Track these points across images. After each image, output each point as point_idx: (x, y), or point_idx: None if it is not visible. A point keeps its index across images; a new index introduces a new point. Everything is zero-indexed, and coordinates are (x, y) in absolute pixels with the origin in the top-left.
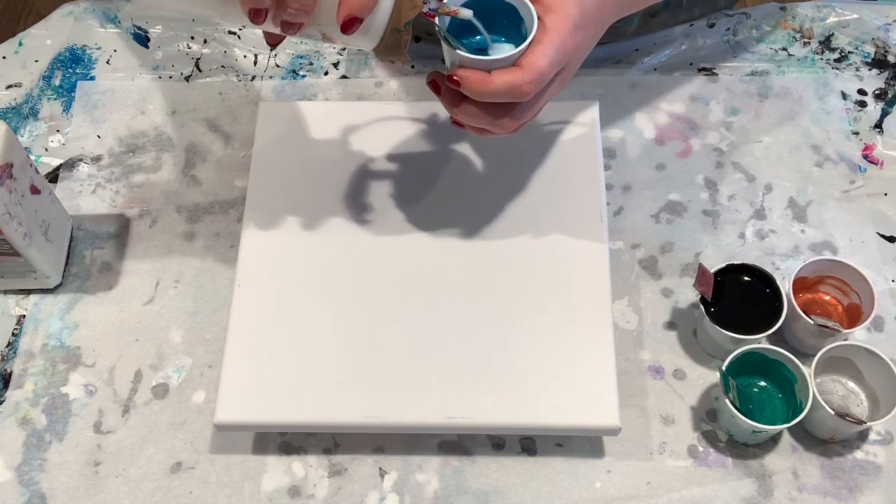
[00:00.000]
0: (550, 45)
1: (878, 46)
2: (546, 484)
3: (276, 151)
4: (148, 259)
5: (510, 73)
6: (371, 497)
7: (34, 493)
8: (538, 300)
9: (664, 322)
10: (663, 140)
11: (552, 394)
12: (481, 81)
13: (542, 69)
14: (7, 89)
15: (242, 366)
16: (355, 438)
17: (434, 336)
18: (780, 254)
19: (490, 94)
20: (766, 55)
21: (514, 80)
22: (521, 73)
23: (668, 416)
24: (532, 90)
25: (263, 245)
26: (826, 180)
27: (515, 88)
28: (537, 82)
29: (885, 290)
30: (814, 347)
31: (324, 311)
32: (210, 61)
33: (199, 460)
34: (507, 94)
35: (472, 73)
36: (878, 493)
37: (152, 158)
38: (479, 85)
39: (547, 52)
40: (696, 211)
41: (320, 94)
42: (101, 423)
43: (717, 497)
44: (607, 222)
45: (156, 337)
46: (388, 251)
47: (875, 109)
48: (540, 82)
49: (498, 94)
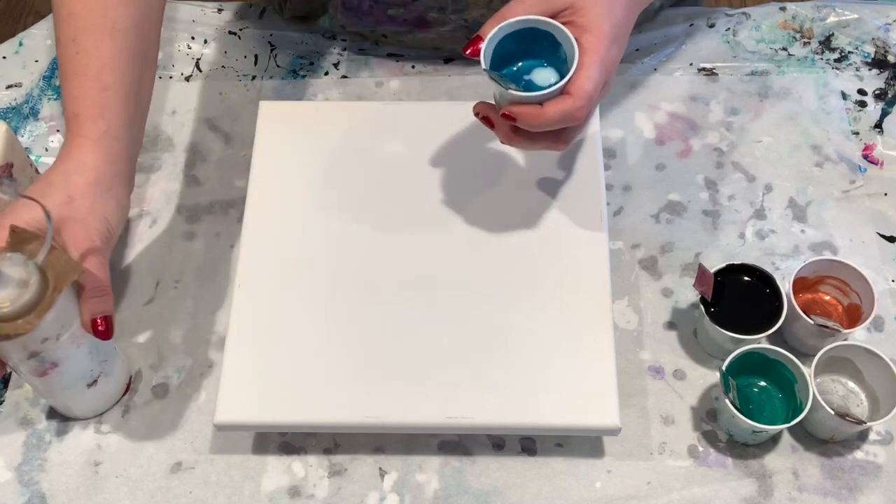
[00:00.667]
0: (593, 67)
1: (878, 46)
2: (546, 484)
3: (276, 151)
4: (148, 259)
5: (562, 102)
6: (371, 497)
7: (34, 493)
8: (538, 300)
9: (664, 322)
10: (663, 140)
11: (552, 394)
12: (536, 115)
13: (590, 92)
14: (7, 89)
15: (242, 366)
16: (355, 438)
17: (434, 336)
18: (780, 254)
19: (545, 125)
20: (766, 55)
21: (566, 108)
22: (573, 101)
23: (668, 416)
24: (584, 114)
25: (263, 245)
26: (826, 180)
27: (568, 116)
28: (587, 106)
29: (885, 290)
30: (814, 347)
31: (324, 311)
32: (210, 61)
33: (199, 460)
34: (561, 122)
35: (526, 109)
36: (878, 493)
37: (152, 158)
38: (534, 119)
39: (591, 75)
40: (696, 211)
41: (320, 94)
42: (101, 423)
43: (717, 497)
44: (607, 222)
45: (156, 337)
46: (388, 251)
47: (875, 109)
48: (590, 105)
49: (553, 124)
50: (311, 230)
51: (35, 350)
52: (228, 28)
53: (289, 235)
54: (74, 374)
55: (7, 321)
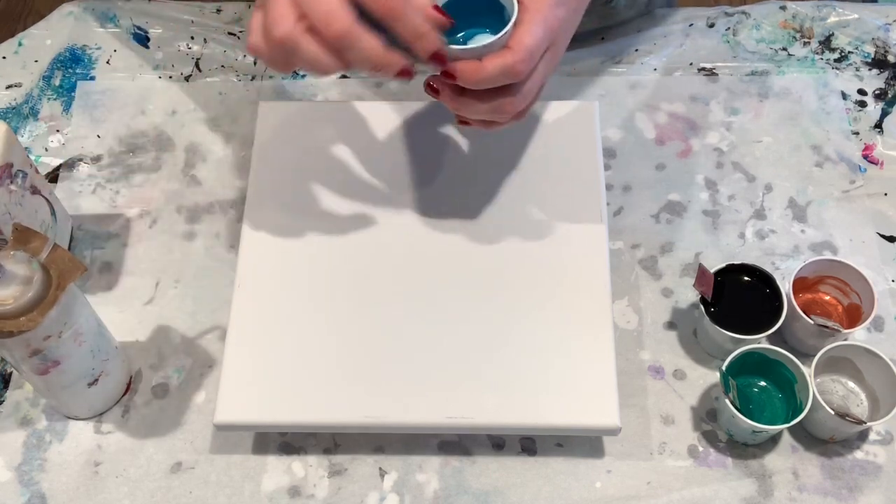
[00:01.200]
0: (534, 23)
1: (878, 46)
2: (546, 484)
3: (276, 151)
4: (148, 259)
5: (500, 55)
6: (371, 497)
7: (34, 493)
8: (538, 300)
9: (664, 322)
10: (663, 140)
11: (552, 394)
12: (475, 69)
13: (530, 46)
14: (7, 89)
15: (242, 366)
16: (355, 438)
17: (434, 336)
18: (780, 254)
19: (486, 80)
20: (766, 55)
21: (506, 61)
22: (512, 54)
23: (668, 416)
24: (525, 68)
25: (263, 245)
26: (826, 180)
27: (508, 69)
28: (528, 60)
29: (885, 290)
30: (814, 347)
31: (324, 311)
32: (210, 61)
33: (199, 460)
34: (502, 76)
35: (465, 64)
36: (878, 493)
37: (152, 158)
38: (474, 73)
39: (532, 30)
40: (696, 211)
41: (320, 94)
42: (101, 423)
43: (717, 497)
44: (607, 222)
45: (156, 337)
46: (388, 251)
47: (875, 109)
48: (531, 60)
49: (493, 78)
50: (310, 230)
51: (37, 348)
52: (228, 28)
53: (289, 235)
54: (76, 372)
55: (10, 318)
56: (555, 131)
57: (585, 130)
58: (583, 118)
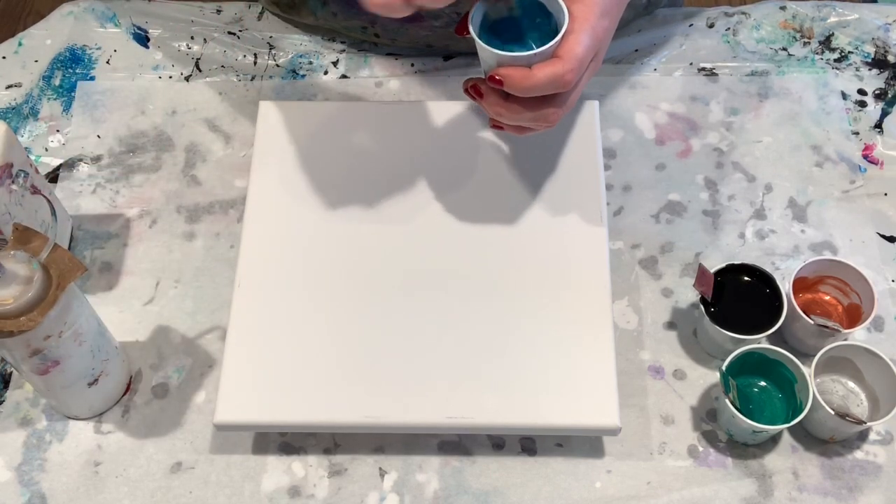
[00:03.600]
0: (583, 33)
1: (878, 46)
2: (546, 484)
3: (276, 151)
4: (148, 259)
5: (550, 64)
6: (371, 497)
7: (34, 493)
8: (538, 300)
9: (664, 322)
10: (663, 140)
11: (552, 394)
12: (524, 77)
13: (580, 56)
14: (7, 89)
15: (242, 366)
16: (355, 438)
17: (434, 336)
18: (780, 254)
19: (534, 88)
20: (766, 55)
21: (556, 70)
22: (562, 63)
23: (668, 416)
24: (573, 78)
25: (263, 245)
26: (826, 180)
27: (558, 78)
28: (577, 70)
29: (885, 290)
30: (814, 347)
31: (324, 311)
32: (210, 61)
33: (199, 460)
34: (551, 85)
35: (514, 70)
36: (878, 493)
37: (152, 158)
38: (523, 80)
39: (581, 40)
40: (696, 211)
41: (320, 94)
42: (101, 423)
43: (717, 497)
44: (607, 222)
45: (156, 337)
46: (388, 251)
47: (875, 109)
48: (580, 69)
49: (542, 87)
50: (311, 230)
51: (37, 347)
52: (228, 28)
53: (289, 235)
54: (76, 372)
55: (10, 318)
56: (555, 131)
57: (585, 130)
58: (583, 118)
